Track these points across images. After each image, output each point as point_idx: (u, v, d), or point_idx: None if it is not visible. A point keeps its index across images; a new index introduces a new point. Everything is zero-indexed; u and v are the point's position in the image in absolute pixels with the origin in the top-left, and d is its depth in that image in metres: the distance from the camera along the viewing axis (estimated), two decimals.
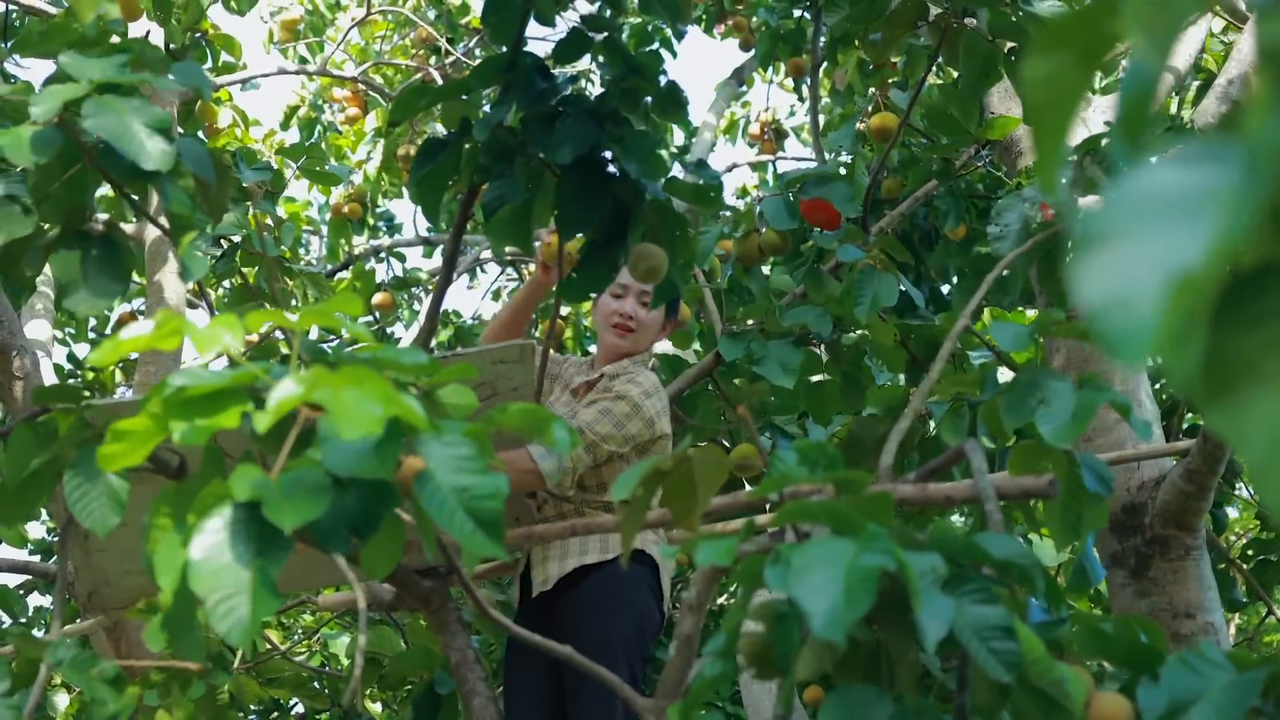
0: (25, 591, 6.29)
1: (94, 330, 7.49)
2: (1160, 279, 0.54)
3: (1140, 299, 0.54)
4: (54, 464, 1.88)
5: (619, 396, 3.23)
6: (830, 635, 1.06)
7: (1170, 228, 0.55)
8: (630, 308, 3.40)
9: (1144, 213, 0.57)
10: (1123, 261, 0.55)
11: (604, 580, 3.16)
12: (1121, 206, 0.58)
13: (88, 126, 1.83)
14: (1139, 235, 0.56)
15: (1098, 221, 0.57)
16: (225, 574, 1.18)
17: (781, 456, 1.38)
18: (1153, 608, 3.50)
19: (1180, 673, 1.22)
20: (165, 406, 1.21)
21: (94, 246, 2.09)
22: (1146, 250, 0.55)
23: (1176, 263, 0.54)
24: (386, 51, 8.48)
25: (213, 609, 1.17)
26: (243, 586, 1.18)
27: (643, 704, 1.70)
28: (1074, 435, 2.01)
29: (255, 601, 1.18)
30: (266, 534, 1.20)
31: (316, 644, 5.88)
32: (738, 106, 9.31)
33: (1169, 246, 0.55)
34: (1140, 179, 0.58)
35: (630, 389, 3.25)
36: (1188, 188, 0.57)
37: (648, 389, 3.27)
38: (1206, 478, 3.35)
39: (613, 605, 3.14)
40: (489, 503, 1.28)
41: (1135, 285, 0.54)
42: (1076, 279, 0.56)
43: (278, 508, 1.18)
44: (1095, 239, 0.57)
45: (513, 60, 2.34)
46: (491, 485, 1.29)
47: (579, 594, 3.17)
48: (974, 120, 3.96)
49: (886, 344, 3.58)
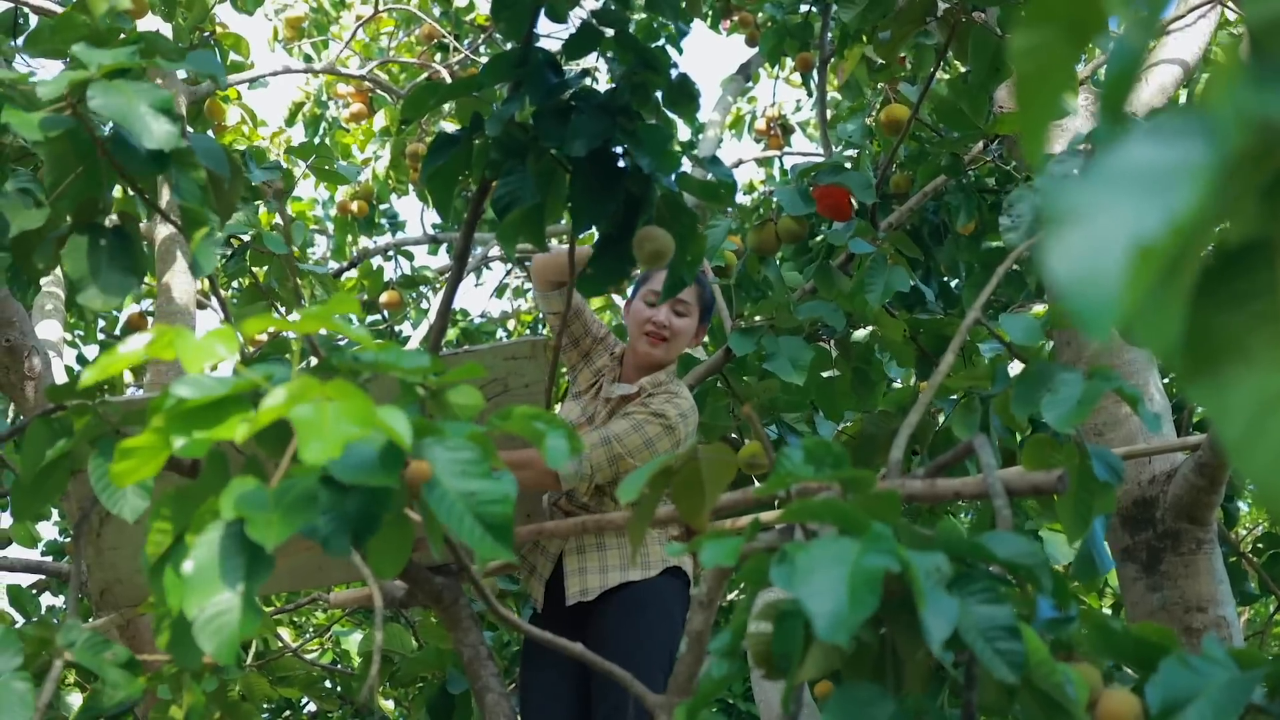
0: (38, 591, 6.31)
1: (103, 331, 7.50)
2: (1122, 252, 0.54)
3: (1104, 273, 0.54)
4: (68, 460, 1.89)
5: (655, 414, 3.22)
6: (834, 638, 1.06)
7: (1135, 202, 0.56)
8: (664, 316, 3.38)
9: (1112, 188, 0.57)
10: (1088, 237, 0.56)
11: (641, 592, 3.18)
12: (1091, 182, 0.58)
13: (93, 106, 1.83)
14: (1105, 210, 0.56)
15: (1066, 198, 0.57)
16: (214, 591, 1.19)
17: (788, 454, 1.37)
18: (1165, 602, 3.49)
19: (1178, 670, 1.21)
20: (167, 419, 1.22)
21: (106, 240, 2.09)
22: (1110, 225, 0.56)
23: (1138, 235, 0.54)
24: (392, 49, 8.48)
25: (201, 626, 1.18)
26: (231, 605, 1.19)
27: (654, 700, 1.70)
28: (1079, 420, 2.02)
29: (242, 618, 1.19)
30: (255, 550, 1.22)
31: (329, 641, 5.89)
32: (744, 102, 9.31)
33: (1132, 220, 0.55)
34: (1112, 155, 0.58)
35: (668, 409, 3.24)
36: (1156, 162, 0.57)
37: (684, 411, 3.27)
38: (1218, 471, 3.34)
39: (651, 616, 3.15)
40: (497, 507, 1.29)
41: (1099, 260, 0.55)
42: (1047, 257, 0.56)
43: (262, 525, 1.19)
44: (1064, 216, 0.57)
45: (524, 56, 2.34)
46: (499, 490, 1.30)
47: (617, 603, 3.18)
48: (983, 115, 3.95)
49: (896, 339, 3.58)
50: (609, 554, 3.23)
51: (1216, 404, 0.58)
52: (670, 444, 3.21)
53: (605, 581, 3.21)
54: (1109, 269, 0.54)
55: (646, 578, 3.21)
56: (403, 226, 8.41)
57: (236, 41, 5.62)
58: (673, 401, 3.27)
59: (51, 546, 6.88)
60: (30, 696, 1.65)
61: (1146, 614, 3.52)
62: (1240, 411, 0.57)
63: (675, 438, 3.22)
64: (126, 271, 2.08)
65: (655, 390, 3.32)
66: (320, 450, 1.12)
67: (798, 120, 9.77)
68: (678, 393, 3.32)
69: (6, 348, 3.54)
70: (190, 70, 2.07)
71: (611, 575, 3.22)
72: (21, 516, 2.06)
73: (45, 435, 1.94)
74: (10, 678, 1.67)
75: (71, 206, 2.06)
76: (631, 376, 3.42)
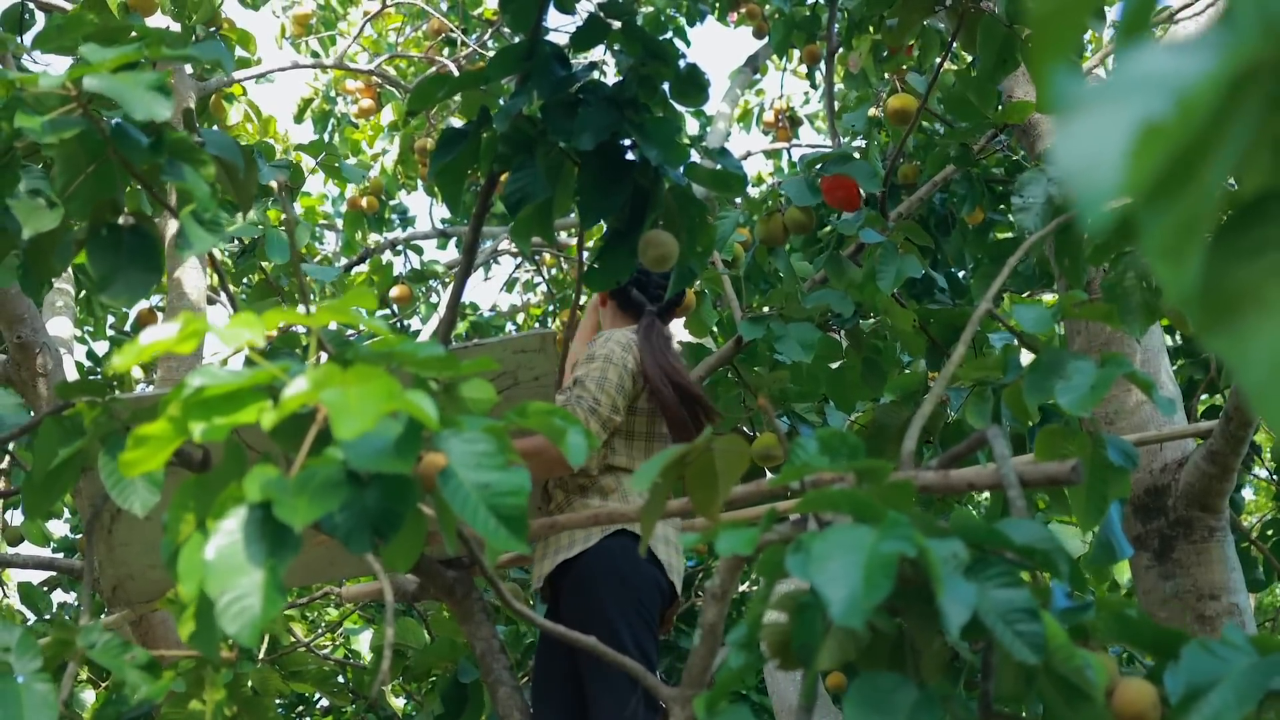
0: (49, 588, 6.32)
1: (113, 328, 7.51)
2: (1127, 131, 0.54)
3: (1107, 156, 0.55)
4: (79, 457, 1.90)
5: (585, 360, 3.25)
6: (849, 622, 1.06)
7: (1144, 93, 0.56)
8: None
9: (1124, 84, 0.57)
10: (1094, 124, 0.56)
11: (588, 563, 3.14)
12: (1105, 83, 0.58)
13: (88, 88, 1.84)
14: (1115, 101, 0.56)
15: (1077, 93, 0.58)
16: (238, 575, 1.19)
17: (803, 445, 1.37)
18: (1177, 590, 3.49)
19: (1200, 656, 1.21)
20: (184, 408, 1.22)
21: (126, 239, 2.10)
22: (1117, 112, 0.56)
23: (1142, 117, 0.54)
24: (400, 44, 8.48)
25: (224, 609, 1.18)
26: (254, 587, 1.19)
27: (668, 694, 1.70)
28: (1092, 404, 2.01)
29: (265, 602, 1.19)
30: (279, 534, 1.22)
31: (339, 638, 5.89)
32: (752, 94, 9.30)
33: (1140, 106, 0.55)
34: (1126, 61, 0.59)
35: (595, 349, 3.27)
36: (1172, 63, 0.57)
37: (611, 345, 3.29)
38: (1229, 459, 3.34)
39: (602, 583, 3.12)
40: (512, 499, 1.29)
41: (1103, 144, 0.55)
42: (1055, 150, 0.56)
43: (290, 506, 1.19)
44: (1072, 107, 0.57)
45: (531, 49, 2.34)
46: (514, 482, 1.30)
47: (569, 584, 3.17)
48: (992, 105, 3.95)
49: (906, 329, 3.57)
50: (560, 536, 3.22)
51: (1236, 354, 0.59)
52: (615, 372, 3.24)
53: (552, 563, 3.19)
54: (1112, 151, 0.54)
55: (587, 549, 3.17)
56: (412, 222, 8.41)
57: (244, 38, 5.61)
58: (595, 343, 3.32)
59: (64, 543, 6.89)
60: (53, 698, 1.65)
61: (1159, 602, 3.51)
62: (1260, 360, 0.58)
63: (611, 361, 3.25)
64: (147, 269, 2.09)
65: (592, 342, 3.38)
66: (354, 425, 1.12)
67: (806, 112, 9.77)
68: (597, 339, 3.36)
69: (18, 345, 3.55)
70: (197, 62, 2.07)
71: (552, 559, 3.20)
72: (34, 514, 2.07)
73: (57, 432, 1.94)
74: (32, 679, 1.67)
75: (85, 207, 2.07)
76: None
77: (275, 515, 1.20)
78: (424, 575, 2.42)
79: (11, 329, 3.56)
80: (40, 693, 1.66)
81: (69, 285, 5.40)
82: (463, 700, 3.74)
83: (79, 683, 3.68)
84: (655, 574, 3.19)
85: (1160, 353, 3.90)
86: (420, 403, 1.21)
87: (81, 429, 1.89)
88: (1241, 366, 0.58)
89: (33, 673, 1.69)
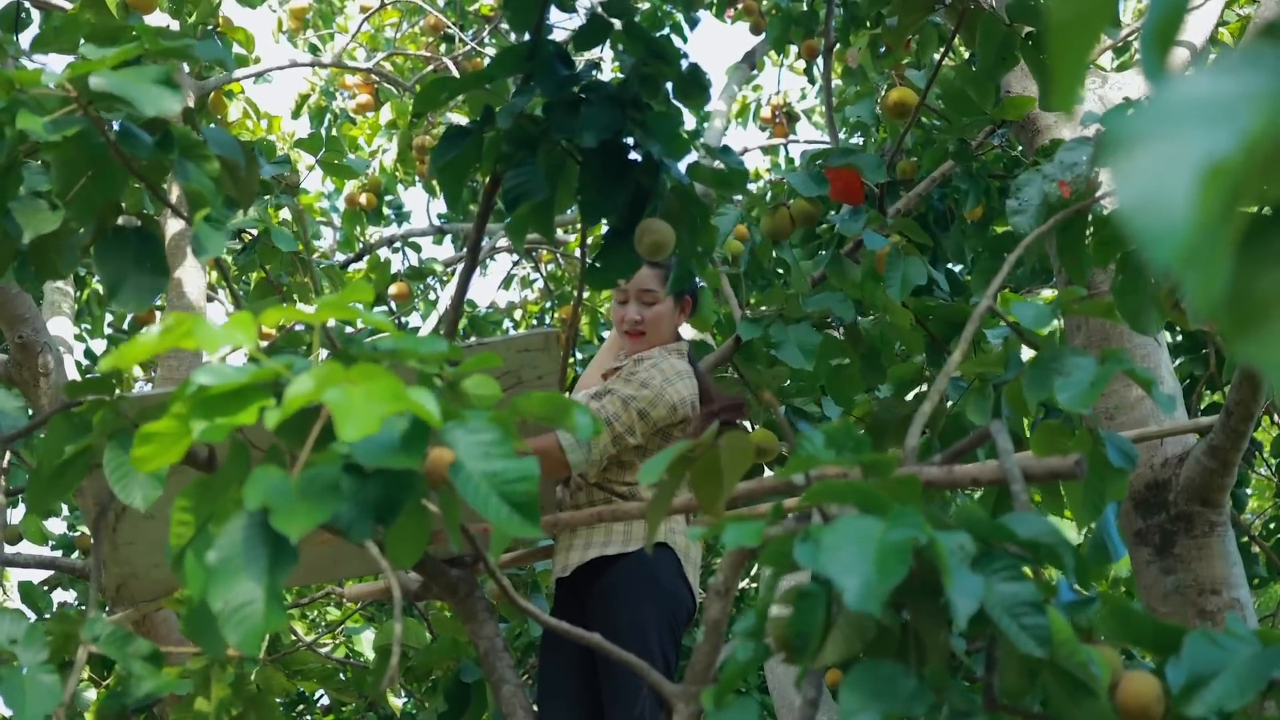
0: (49, 587, 6.32)
1: (110, 326, 7.51)
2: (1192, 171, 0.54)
3: (1173, 193, 0.54)
4: (86, 454, 1.90)
5: (642, 384, 3.23)
6: (865, 607, 1.07)
7: (1203, 126, 0.55)
8: (635, 311, 3.42)
9: (1178, 115, 0.57)
10: (1156, 160, 0.56)
11: (632, 567, 3.17)
12: (1156, 111, 0.58)
13: (94, 85, 1.84)
14: (1172, 135, 0.56)
15: (1132, 125, 0.57)
16: (239, 583, 1.20)
17: (808, 439, 1.38)
18: (1178, 584, 3.49)
19: (1203, 646, 1.22)
20: (189, 406, 1.23)
21: (132, 243, 2.11)
22: (1179, 147, 0.55)
23: (1208, 155, 0.54)
24: (397, 39, 8.48)
25: (226, 617, 1.19)
26: (255, 596, 1.20)
27: (672, 690, 1.70)
28: (1091, 400, 2.02)
29: (267, 611, 1.20)
30: (279, 541, 1.22)
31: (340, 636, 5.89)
32: (749, 90, 9.30)
33: (1201, 142, 0.55)
34: (1175, 86, 0.58)
35: (654, 375, 3.25)
36: (1222, 92, 0.57)
37: (669, 375, 3.28)
38: (1230, 453, 3.34)
39: (644, 590, 3.14)
40: (522, 485, 1.30)
41: (1168, 180, 0.55)
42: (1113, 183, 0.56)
43: (287, 514, 1.19)
44: (1129, 141, 0.57)
45: (534, 48, 2.34)
46: (522, 468, 1.31)
47: (609, 581, 3.18)
48: (990, 101, 3.95)
49: (905, 325, 3.58)
50: (595, 530, 3.23)
51: (1266, 359, 0.59)
52: (664, 409, 3.21)
53: (584, 557, 3.21)
54: (1178, 189, 0.54)
55: (627, 551, 3.20)
56: (407, 217, 8.41)
57: (242, 36, 5.61)
58: (657, 367, 3.28)
59: (62, 541, 6.89)
60: (57, 688, 1.66)
61: (1160, 597, 3.52)
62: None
63: (667, 401, 3.22)
64: (155, 272, 2.10)
65: (641, 358, 3.34)
66: (357, 426, 1.13)
67: (803, 108, 9.76)
68: (660, 360, 3.33)
69: (20, 344, 3.55)
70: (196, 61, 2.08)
71: (591, 550, 3.21)
72: (37, 510, 2.07)
73: (64, 430, 1.95)
74: (37, 670, 1.68)
75: (85, 209, 2.07)
76: None
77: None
78: (427, 574, 2.42)
79: (13, 329, 3.56)
80: (45, 683, 1.67)
81: (69, 286, 5.40)
82: (465, 699, 3.74)
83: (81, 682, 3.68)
84: (687, 597, 3.22)
85: (1161, 348, 3.90)
86: (423, 400, 1.21)
87: (88, 427, 1.90)
88: (1272, 371, 0.58)
89: (38, 664, 1.70)
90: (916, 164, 4.81)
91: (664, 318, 3.44)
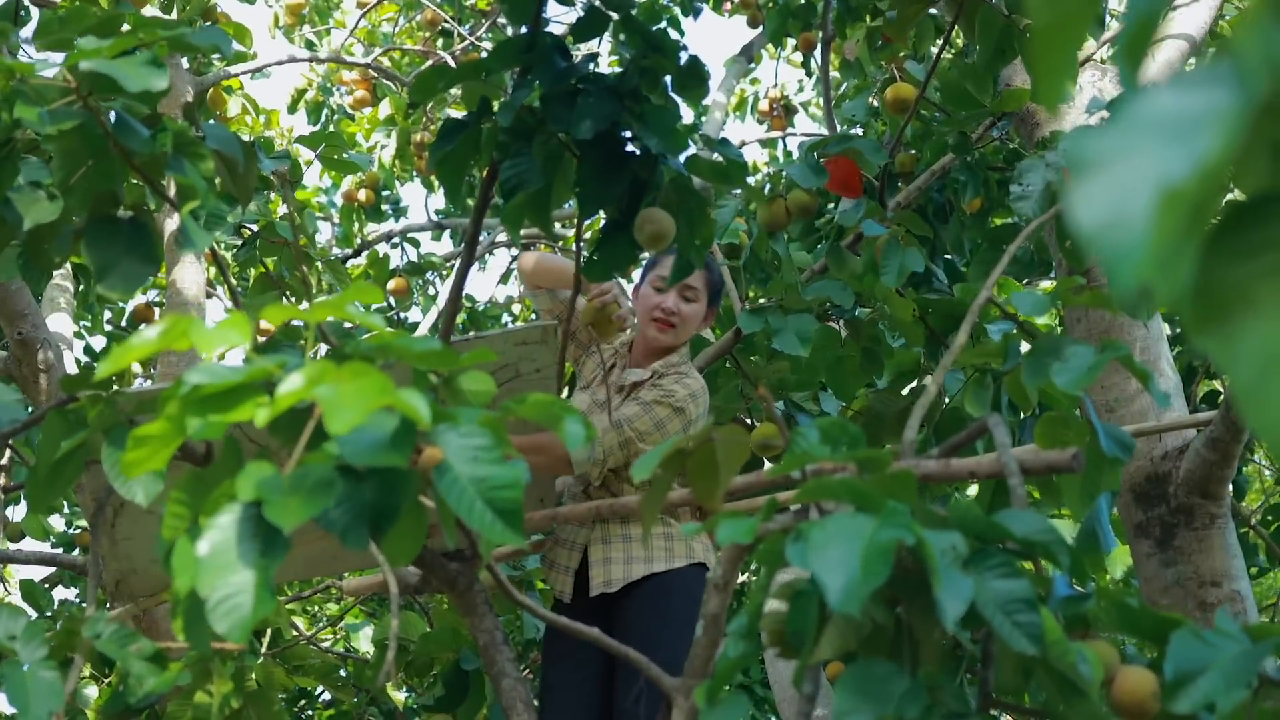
0: (50, 585, 6.33)
1: (110, 323, 7.51)
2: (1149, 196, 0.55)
3: (1131, 217, 0.55)
4: (83, 450, 1.91)
5: (664, 396, 3.24)
6: (846, 609, 1.07)
7: (1162, 148, 0.56)
8: (673, 303, 3.39)
9: (1138, 135, 0.57)
10: (1114, 182, 0.56)
11: (667, 582, 3.18)
12: (1116, 130, 0.58)
13: (83, 68, 1.84)
14: (1131, 156, 0.56)
15: (1092, 146, 0.58)
16: (229, 573, 1.20)
17: (803, 434, 1.38)
18: (1179, 577, 3.49)
19: (1189, 642, 1.22)
20: (182, 405, 1.23)
21: (124, 230, 2.11)
22: (1136, 169, 0.56)
23: (1165, 179, 0.55)
24: (394, 35, 8.47)
25: (214, 607, 1.19)
26: (245, 586, 1.20)
27: (670, 684, 1.70)
28: (1087, 383, 2.03)
29: (256, 601, 1.19)
30: (271, 533, 1.22)
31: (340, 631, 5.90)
32: (746, 83, 9.29)
33: (1159, 165, 0.55)
34: (1136, 104, 0.59)
35: (678, 390, 3.26)
36: (1182, 110, 0.57)
37: (695, 391, 3.28)
38: (1230, 445, 3.34)
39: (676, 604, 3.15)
40: (507, 492, 1.29)
41: (1127, 205, 0.55)
42: (1072, 204, 0.56)
43: (280, 507, 1.19)
44: (1089, 163, 0.57)
45: (532, 40, 2.33)
46: (509, 475, 1.30)
47: (641, 595, 3.18)
48: (989, 94, 3.95)
49: (905, 318, 3.57)
50: (634, 545, 3.23)
51: (1225, 355, 0.59)
52: (680, 425, 3.22)
53: (629, 573, 3.21)
54: (1135, 213, 0.55)
55: (672, 568, 3.22)
56: (405, 212, 8.40)
57: (239, 31, 5.61)
58: (682, 382, 3.28)
59: (62, 538, 6.89)
60: (59, 685, 1.66)
61: (1160, 590, 3.52)
62: (1249, 362, 0.58)
63: (685, 419, 3.23)
64: (144, 260, 2.10)
65: (666, 372, 3.33)
66: (346, 420, 1.13)
67: (800, 101, 9.76)
68: (687, 374, 3.34)
69: (19, 341, 3.55)
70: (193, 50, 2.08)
71: (636, 567, 3.21)
72: (37, 507, 2.08)
73: (61, 426, 1.95)
74: (38, 667, 1.68)
75: (85, 199, 2.07)
76: (641, 362, 3.43)
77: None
78: (426, 568, 2.42)
79: (12, 325, 3.56)
80: (46, 680, 1.67)
81: (68, 282, 5.40)
82: (464, 687, 3.74)
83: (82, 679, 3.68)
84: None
85: (1160, 340, 3.90)
86: (412, 400, 1.21)
87: (85, 422, 1.90)
88: (1231, 367, 0.59)
89: (38, 661, 1.70)
90: (916, 157, 4.80)
91: (695, 318, 3.44)
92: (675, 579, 3.20)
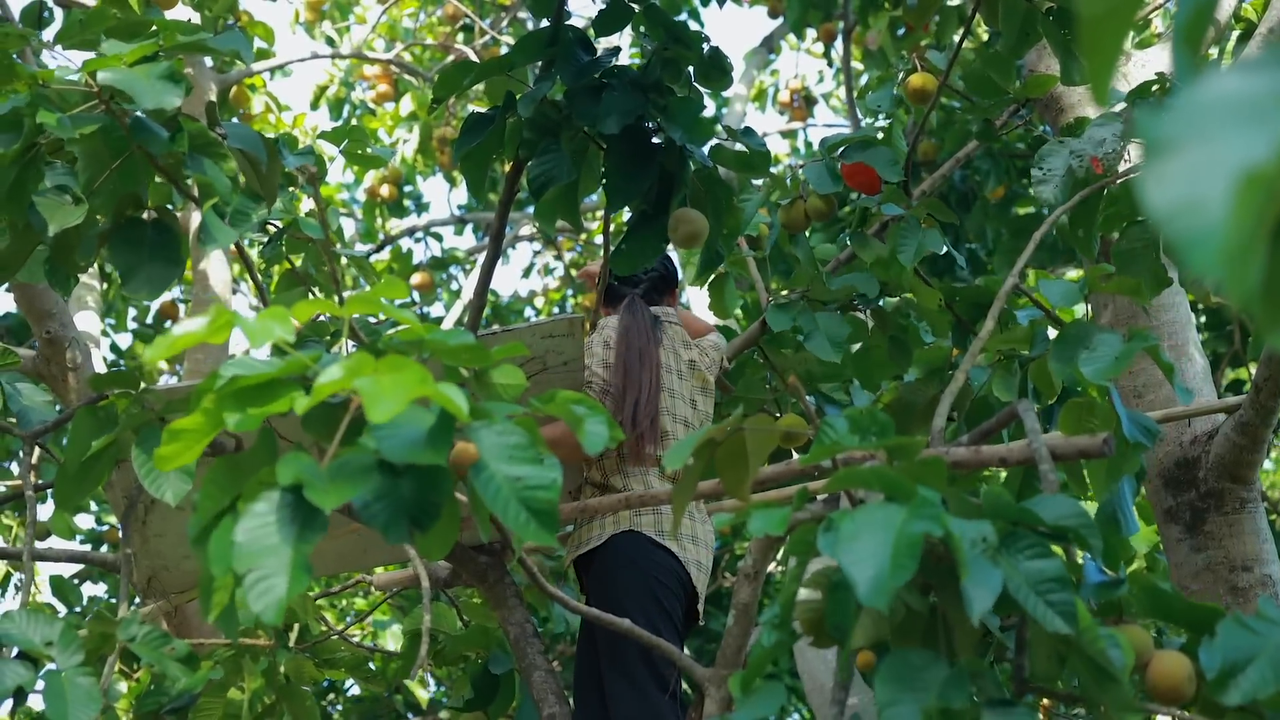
0: (79, 581, 6.36)
1: (135, 320, 7.54)
2: (1227, 179, 0.53)
3: (1208, 201, 0.53)
4: (113, 448, 1.92)
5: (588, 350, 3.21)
6: (874, 603, 1.07)
7: (1236, 130, 0.55)
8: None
9: (1210, 118, 0.56)
10: (1189, 164, 0.55)
11: (600, 560, 3.13)
12: (1187, 113, 0.57)
13: (101, 80, 1.86)
14: (1205, 139, 0.55)
15: (1166, 127, 0.56)
16: (266, 555, 1.21)
17: (832, 424, 1.38)
18: (1209, 562, 3.48)
19: (1236, 631, 1.21)
20: (218, 399, 1.24)
21: (148, 233, 2.12)
22: (1213, 153, 0.55)
23: (1243, 162, 0.53)
24: (415, 29, 8.48)
25: (249, 587, 1.20)
26: (281, 567, 1.21)
27: (702, 674, 1.71)
28: (1115, 373, 2.02)
29: (291, 580, 1.20)
30: (309, 516, 1.23)
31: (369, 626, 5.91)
32: (766, 74, 9.28)
33: (1235, 148, 0.54)
34: (1205, 86, 0.58)
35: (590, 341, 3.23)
36: (1253, 92, 0.56)
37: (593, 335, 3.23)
38: (1260, 430, 3.32)
39: (614, 574, 3.11)
40: (543, 493, 1.30)
41: (1203, 188, 0.54)
42: (1145, 188, 0.55)
43: (321, 490, 1.20)
44: (1163, 144, 0.56)
45: (555, 35, 2.34)
46: (545, 476, 1.31)
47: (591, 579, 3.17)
48: (1012, 81, 3.92)
49: (931, 307, 3.56)
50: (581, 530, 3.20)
51: None
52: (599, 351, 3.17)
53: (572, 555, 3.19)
54: (1213, 196, 0.53)
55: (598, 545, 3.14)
56: (427, 208, 8.42)
57: (264, 31, 5.62)
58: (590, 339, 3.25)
59: (90, 535, 6.93)
60: (96, 690, 1.67)
61: (1191, 575, 3.51)
62: None
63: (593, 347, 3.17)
64: (169, 262, 2.11)
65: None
66: (387, 409, 1.13)
67: (821, 91, 9.74)
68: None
69: (47, 339, 3.57)
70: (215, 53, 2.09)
71: (575, 551, 3.19)
72: (65, 505, 2.09)
73: (90, 424, 1.96)
74: (74, 673, 1.69)
75: (109, 202, 2.08)
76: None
77: (306, 498, 1.21)
78: (456, 561, 2.43)
79: (41, 324, 3.58)
80: (84, 686, 1.68)
81: (95, 281, 5.43)
82: (494, 689, 3.74)
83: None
84: (671, 562, 3.16)
85: (1188, 325, 3.88)
86: (451, 394, 1.22)
87: (115, 420, 1.91)
88: None
89: (75, 666, 1.71)
90: (939, 145, 4.79)
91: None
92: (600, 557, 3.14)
